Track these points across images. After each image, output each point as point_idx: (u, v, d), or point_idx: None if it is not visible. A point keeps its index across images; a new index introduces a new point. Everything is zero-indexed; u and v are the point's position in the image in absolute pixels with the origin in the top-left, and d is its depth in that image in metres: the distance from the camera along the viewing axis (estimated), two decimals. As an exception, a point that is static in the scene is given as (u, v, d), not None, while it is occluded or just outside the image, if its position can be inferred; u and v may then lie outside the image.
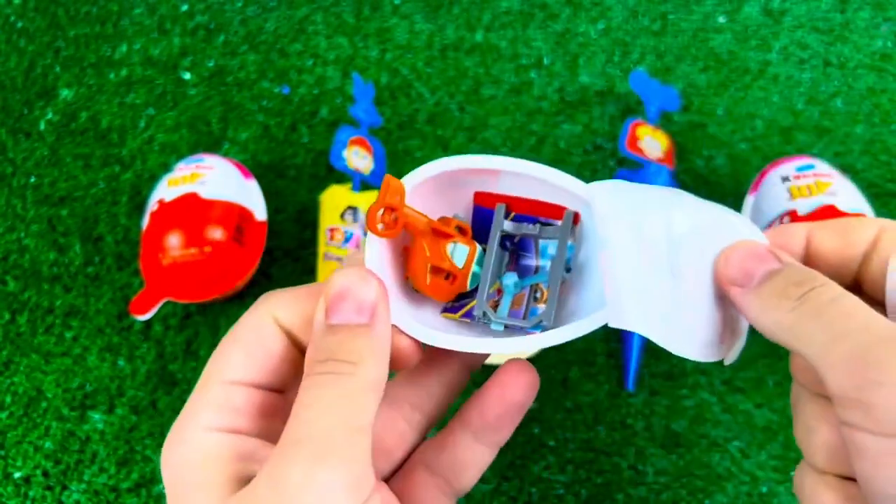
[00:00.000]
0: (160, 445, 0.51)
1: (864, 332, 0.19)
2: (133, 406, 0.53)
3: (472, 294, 0.27)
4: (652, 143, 0.57)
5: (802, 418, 0.23)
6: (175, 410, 0.52)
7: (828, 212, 0.49)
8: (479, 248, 0.27)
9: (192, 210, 0.52)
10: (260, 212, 0.55)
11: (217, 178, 0.54)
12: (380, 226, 0.24)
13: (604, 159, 0.60)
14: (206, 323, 0.55)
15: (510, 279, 0.27)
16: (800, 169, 0.52)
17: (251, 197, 0.55)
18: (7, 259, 0.58)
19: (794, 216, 0.50)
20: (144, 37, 0.67)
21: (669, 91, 0.59)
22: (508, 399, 0.26)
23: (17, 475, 0.51)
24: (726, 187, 0.58)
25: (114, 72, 0.66)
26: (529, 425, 0.51)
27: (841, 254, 0.23)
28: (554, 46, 0.65)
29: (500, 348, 0.25)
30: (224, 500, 0.20)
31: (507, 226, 0.27)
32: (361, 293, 0.22)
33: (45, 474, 0.51)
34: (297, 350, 0.24)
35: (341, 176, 0.59)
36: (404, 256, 0.27)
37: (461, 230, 0.27)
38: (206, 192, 0.53)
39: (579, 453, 0.50)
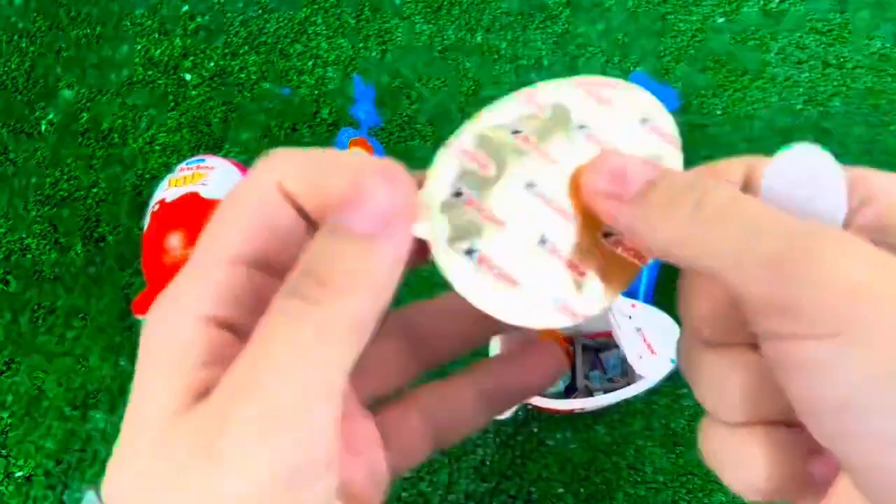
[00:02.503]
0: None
1: (778, 228, 0.16)
2: (134, 405, 0.53)
3: None
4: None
5: (706, 372, 0.20)
6: (176, 410, 0.52)
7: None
8: None
9: (193, 210, 0.52)
10: (261, 212, 0.55)
11: (218, 179, 0.54)
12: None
13: (603, 160, 0.60)
14: (207, 323, 0.55)
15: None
16: (798, 169, 0.52)
17: (252, 197, 0.55)
18: (9, 259, 0.59)
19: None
20: (146, 38, 0.67)
21: (668, 91, 0.59)
22: (531, 382, 0.24)
23: (18, 474, 0.51)
24: (725, 188, 0.59)
25: (115, 72, 0.66)
26: (529, 424, 0.51)
27: None
28: (553, 47, 0.66)
29: None
30: (175, 414, 0.17)
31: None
32: (382, 197, 0.17)
33: (47, 473, 0.51)
34: (309, 225, 0.19)
35: (342, 176, 0.59)
36: None
37: None
38: (207, 192, 0.53)
39: (578, 452, 0.51)
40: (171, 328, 0.18)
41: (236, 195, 0.19)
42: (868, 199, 0.19)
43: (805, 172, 0.19)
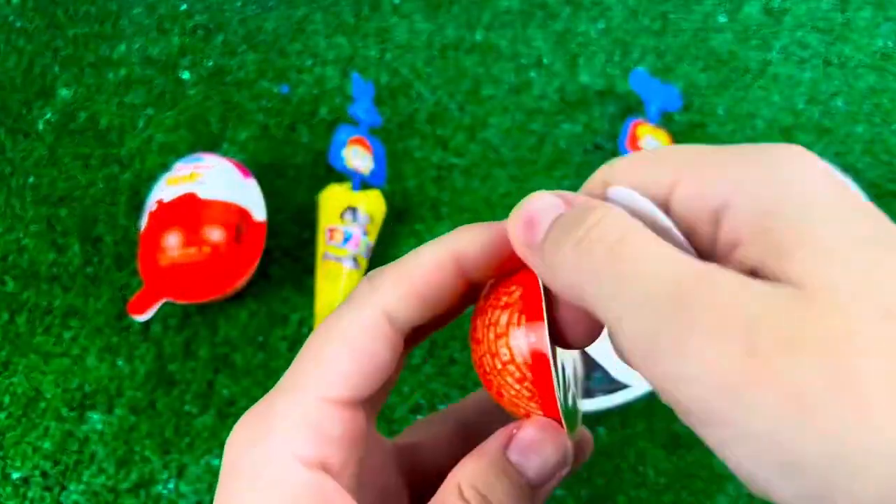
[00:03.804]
0: (159, 446, 0.51)
1: (656, 274, 0.15)
2: (132, 406, 0.53)
3: None
4: (652, 142, 0.57)
5: None
6: (174, 411, 0.52)
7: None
8: None
9: (190, 210, 0.52)
10: (259, 212, 0.55)
11: (216, 178, 0.54)
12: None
13: (604, 159, 0.60)
14: (205, 323, 0.55)
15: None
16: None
17: (250, 197, 0.55)
18: (6, 259, 0.58)
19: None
20: (143, 36, 0.67)
21: (670, 90, 0.59)
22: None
23: (15, 476, 0.51)
24: (727, 187, 0.58)
25: (113, 71, 0.66)
26: (529, 426, 0.51)
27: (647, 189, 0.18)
28: (554, 46, 0.65)
29: None
30: None
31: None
32: (552, 457, 0.20)
33: (44, 475, 0.51)
34: (404, 347, 0.21)
35: (341, 176, 0.59)
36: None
37: None
38: (204, 192, 0.52)
39: (579, 454, 0.50)
40: (273, 466, 0.18)
41: (342, 327, 0.20)
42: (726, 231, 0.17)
43: (638, 207, 0.18)
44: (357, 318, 0.20)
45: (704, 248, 0.17)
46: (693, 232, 0.17)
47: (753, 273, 0.15)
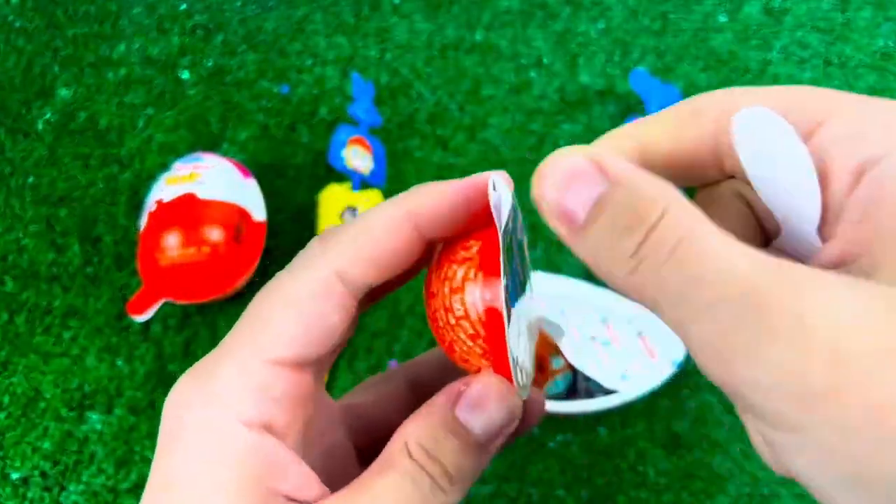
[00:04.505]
0: (159, 446, 0.51)
1: (727, 275, 0.13)
2: (132, 407, 0.53)
3: None
4: (652, 142, 0.57)
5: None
6: (174, 411, 0.52)
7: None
8: None
9: (190, 210, 0.52)
10: (259, 212, 0.55)
11: (216, 178, 0.54)
12: None
13: (604, 159, 0.60)
14: (204, 323, 0.55)
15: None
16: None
17: (250, 197, 0.55)
18: (6, 259, 0.58)
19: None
20: (143, 36, 0.67)
21: (670, 90, 0.59)
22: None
23: (15, 476, 0.51)
24: (727, 187, 0.58)
25: (112, 71, 0.66)
26: (529, 426, 0.51)
27: (682, 156, 0.17)
28: (554, 46, 0.65)
29: None
30: None
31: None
32: (498, 412, 0.19)
33: (44, 475, 0.51)
34: (357, 310, 0.20)
35: (341, 176, 0.59)
36: None
37: None
38: (204, 192, 0.52)
39: (579, 454, 0.50)
40: (214, 428, 0.18)
41: (291, 288, 0.19)
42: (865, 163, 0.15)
43: (770, 135, 0.16)
44: (306, 279, 0.19)
45: (831, 202, 0.15)
46: (827, 181, 0.15)
47: (850, 255, 0.14)
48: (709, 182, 0.18)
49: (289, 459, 0.18)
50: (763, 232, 0.18)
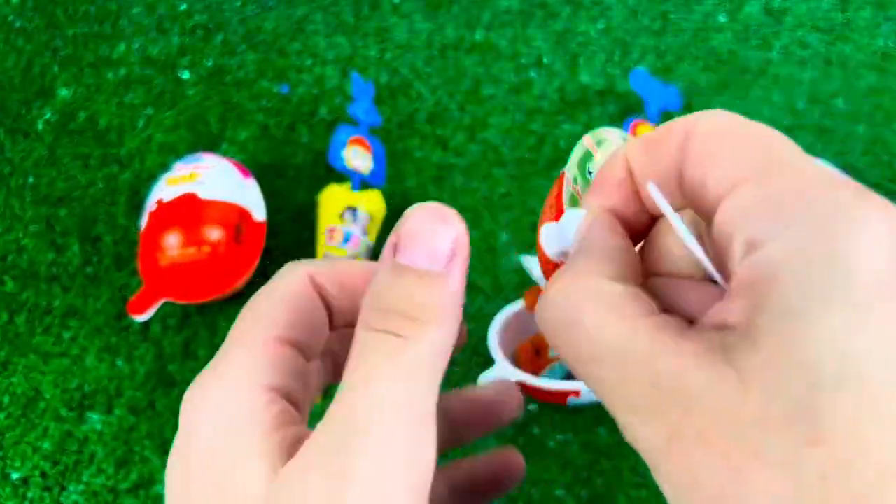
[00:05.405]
0: (159, 446, 0.51)
1: (604, 353, 0.16)
2: (131, 407, 0.53)
3: None
4: (652, 142, 0.57)
5: None
6: (174, 411, 0.52)
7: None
8: None
9: (190, 210, 0.52)
10: (259, 212, 0.55)
11: (216, 178, 0.54)
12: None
13: (604, 159, 0.60)
14: (204, 324, 0.55)
15: None
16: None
17: (250, 197, 0.55)
18: (5, 259, 0.58)
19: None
20: (143, 36, 0.67)
21: (671, 90, 0.59)
22: (499, 480, 0.25)
23: (15, 476, 0.51)
24: (727, 187, 0.58)
25: (112, 71, 0.66)
26: (530, 426, 0.51)
27: (660, 175, 0.18)
28: (554, 46, 0.65)
29: None
30: (273, 474, 0.17)
31: None
32: (438, 236, 0.18)
33: (44, 475, 0.51)
34: (329, 315, 0.21)
35: (341, 175, 0.59)
36: None
37: None
38: (204, 192, 0.52)
39: (580, 454, 0.50)
40: (236, 397, 0.18)
41: (274, 283, 0.21)
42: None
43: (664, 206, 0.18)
44: (280, 278, 0.21)
45: (728, 266, 0.16)
46: (730, 248, 0.16)
47: (734, 322, 0.15)
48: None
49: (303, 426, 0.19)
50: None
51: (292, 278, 0.21)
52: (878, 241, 0.14)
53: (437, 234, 0.18)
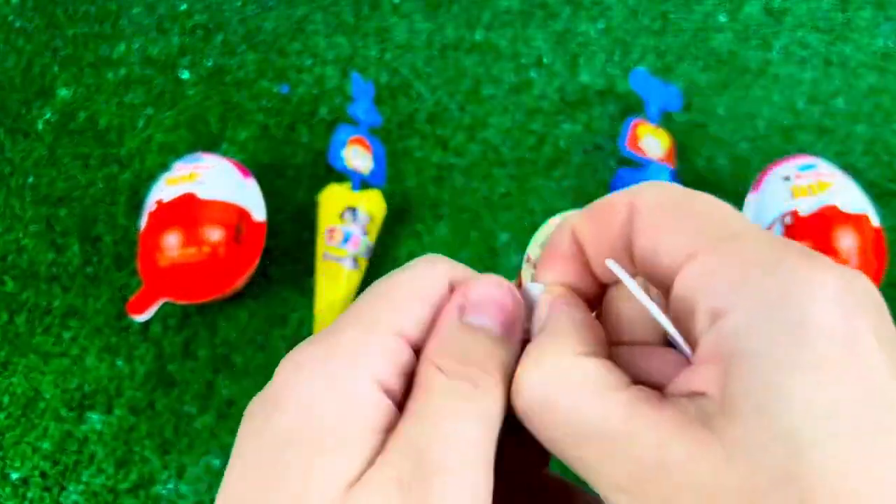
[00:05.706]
0: (159, 446, 0.51)
1: (580, 432, 0.16)
2: (131, 407, 0.53)
3: None
4: (653, 142, 0.57)
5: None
6: (174, 411, 0.52)
7: (829, 211, 0.49)
8: None
9: (190, 210, 0.52)
10: (259, 212, 0.55)
11: (215, 178, 0.54)
12: None
13: (604, 159, 0.60)
14: (204, 323, 0.55)
15: None
16: (801, 168, 0.52)
17: (250, 197, 0.55)
18: (5, 259, 0.58)
19: (795, 216, 0.49)
20: (143, 36, 0.67)
21: (671, 90, 0.59)
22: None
23: (14, 476, 0.51)
24: (727, 187, 0.58)
25: (112, 71, 0.66)
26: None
27: (609, 247, 0.19)
28: (554, 46, 0.65)
29: None
30: (355, 480, 0.17)
31: None
32: (507, 303, 0.19)
33: (43, 475, 0.51)
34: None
35: (341, 175, 0.59)
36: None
37: None
38: (204, 192, 0.52)
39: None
40: (351, 390, 0.17)
41: (414, 274, 0.20)
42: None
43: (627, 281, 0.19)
44: (423, 274, 0.20)
45: (692, 334, 0.17)
46: (694, 316, 0.16)
47: (702, 389, 0.15)
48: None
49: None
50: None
51: (435, 277, 0.20)
52: (831, 298, 0.15)
53: (506, 301, 0.19)
